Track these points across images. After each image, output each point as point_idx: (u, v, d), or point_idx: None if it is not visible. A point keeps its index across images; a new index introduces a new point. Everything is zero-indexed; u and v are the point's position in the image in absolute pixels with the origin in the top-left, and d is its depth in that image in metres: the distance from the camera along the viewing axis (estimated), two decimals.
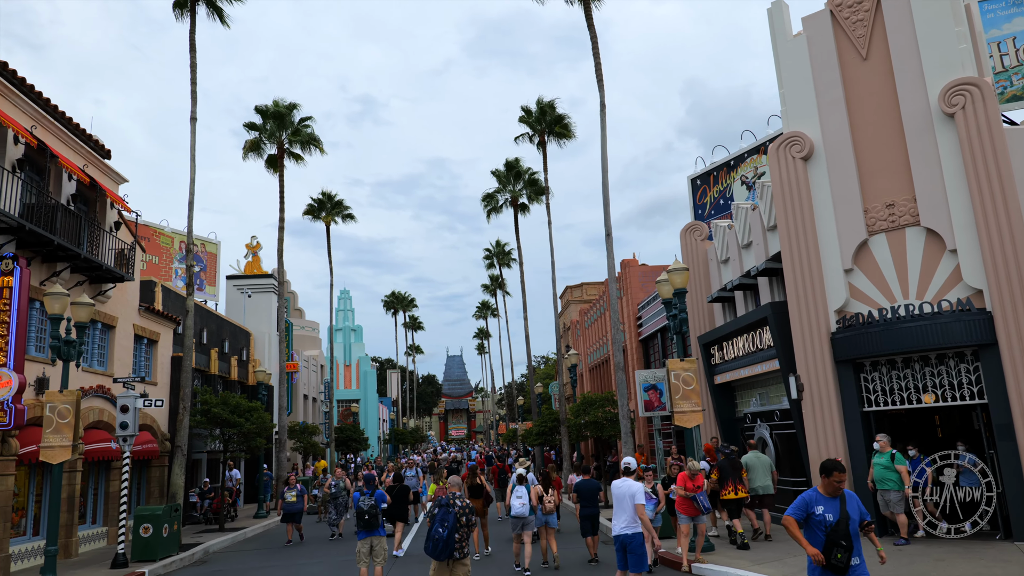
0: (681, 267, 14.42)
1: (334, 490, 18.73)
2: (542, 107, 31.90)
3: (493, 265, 62.28)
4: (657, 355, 27.90)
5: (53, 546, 12.80)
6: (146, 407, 18.09)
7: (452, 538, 8.08)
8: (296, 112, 30.85)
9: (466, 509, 8.33)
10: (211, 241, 37.89)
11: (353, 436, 43.41)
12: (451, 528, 8.10)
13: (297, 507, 18.26)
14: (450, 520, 8.13)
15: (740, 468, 13.79)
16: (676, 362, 13.84)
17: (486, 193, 38.73)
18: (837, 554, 5.94)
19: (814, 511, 6.15)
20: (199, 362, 26.05)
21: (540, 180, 36.87)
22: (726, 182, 25.75)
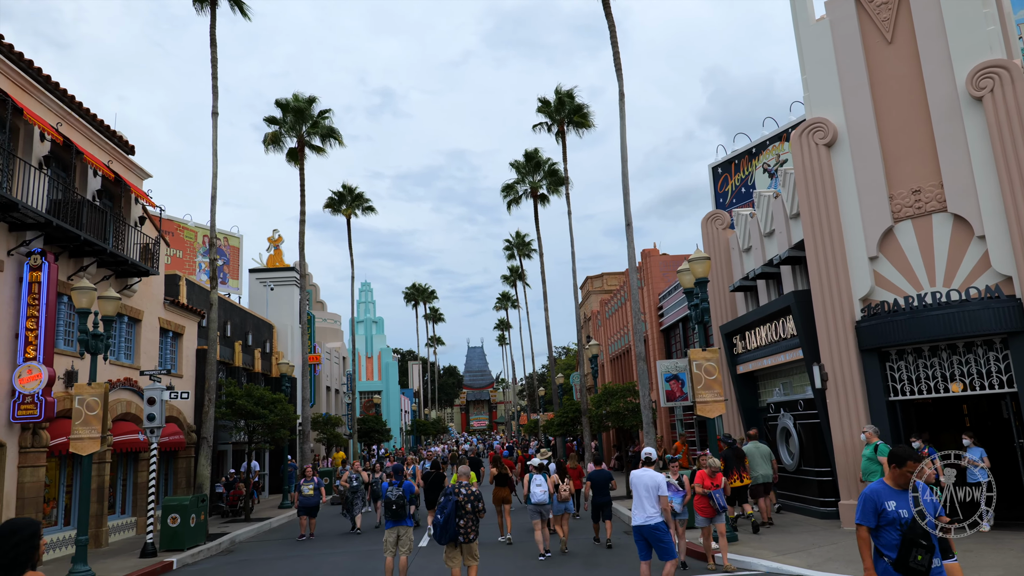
0: (702, 256, 14.31)
1: (353, 483, 18.30)
2: (561, 97, 31.75)
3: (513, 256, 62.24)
4: (678, 345, 27.76)
5: (84, 536, 13.05)
6: (172, 399, 18.33)
7: (451, 523, 8.80)
8: (315, 105, 30.98)
9: (471, 497, 9.01)
10: (234, 235, 38.25)
11: (375, 427, 43.74)
12: (449, 514, 8.80)
13: (314, 501, 17.56)
14: (449, 507, 8.82)
15: (743, 457, 14.51)
16: (698, 352, 13.75)
17: (505, 184, 38.69)
18: (917, 555, 5.07)
19: (884, 508, 5.30)
20: (223, 355, 26.35)
21: (559, 170, 36.75)
22: (748, 170, 25.49)
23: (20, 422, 14.52)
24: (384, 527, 11.99)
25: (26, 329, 14.76)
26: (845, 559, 10.83)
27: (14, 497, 14.47)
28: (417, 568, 12.58)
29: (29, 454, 14.81)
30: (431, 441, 78.38)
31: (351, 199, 39.66)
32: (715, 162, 26.97)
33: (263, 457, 30.89)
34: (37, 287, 14.96)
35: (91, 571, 12.83)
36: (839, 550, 11.57)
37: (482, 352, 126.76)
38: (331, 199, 39.61)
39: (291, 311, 36.50)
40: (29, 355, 14.65)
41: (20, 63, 15.44)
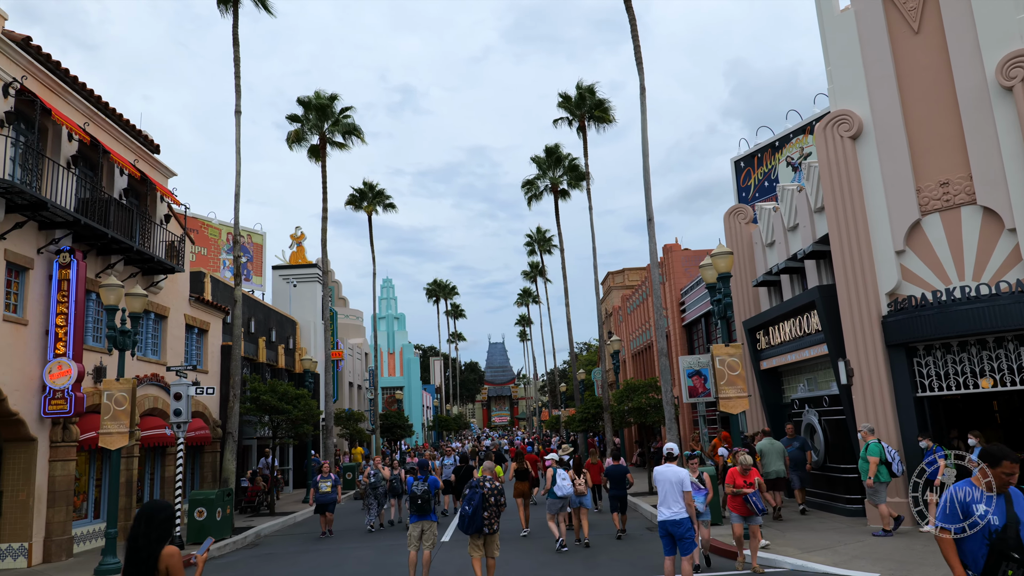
0: (725, 251, 14.19)
1: (373, 479, 17.81)
2: (581, 92, 31.64)
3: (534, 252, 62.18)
4: (701, 341, 27.59)
5: (113, 528, 13.28)
6: (198, 395, 18.57)
7: (479, 515, 9.51)
8: (337, 103, 31.15)
9: (494, 491, 9.74)
10: (257, 232, 38.63)
11: (398, 423, 43.99)
12: (476, 507, 9.53)
13: (330, 498, 17.13)
14: (476, 500, 9.58)
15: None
16: (721, 347, 13.66)
17: (526, 180, 38.63)
18: (1007, 570, 4.46)
19: (973, 511, 4.65)
20: (247, 351, 26.63)
21: (580, 165, 36.65)
22: (771, 164, 25.24)
23: (51, 417, 14.79)
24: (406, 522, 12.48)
25: (56, 326, 15.03)
26: (871, 557, 10.71)
27: (45, 490, 14.76)
28: (440, 563, 12.65)
29: (60, 448, 15.09)
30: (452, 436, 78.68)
31: (372, 196, 39.86)
32: (737, 156, 26.73)
33: (287, 452, 31.19)
34: (66, 284, 15.22)
35: (120, 562, 13.05)
36: (865, 548, 11.44)
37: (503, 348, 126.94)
38: (352, 196, 39.83)
39: (314, 307, 36.80)
40: (59, 351, 14.91)
41: (48, 64, 15.69)
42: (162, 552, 4.30)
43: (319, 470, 18.50)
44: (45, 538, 14.60)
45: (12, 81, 14.25)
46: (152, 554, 4.27)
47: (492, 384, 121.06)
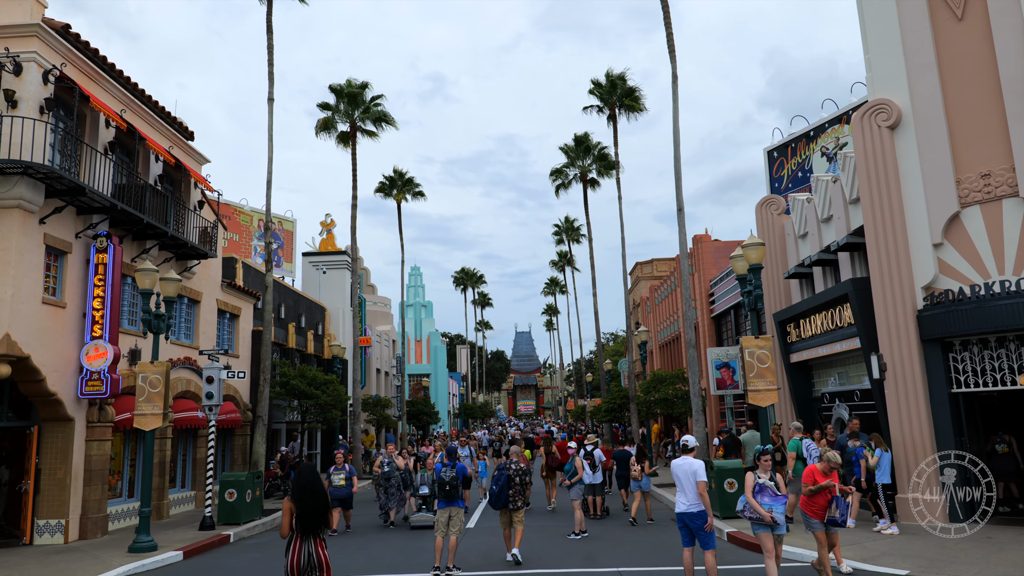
0: (757, 242, 14.04)
1: (386, 469, 16.25)
2: (612, 80, 31.40)
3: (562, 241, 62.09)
4: (730, 333, 27.37)
5: (147, 508, 13.58)
6: (229, 379, 18.85)
7: (504, 493, 11.22)
8: (368, 91, 31.28)
9: (519, 472, 11.35)
10: (288, 219, 39.02)
11: (424, 410, 44.34)
12: (503, 486, 11.23)
13: (345, 492, 15.55)
14: (502, 480, 11.27)
15: (740, 445, 16.20)
16: (750, 339, 13.54)
17: (554, 168, 38.53)
18: None
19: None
20: (277, 336, 26.99)
21: (610, 154, 36.43)
22: (805, 154, 24.86)
23: (87, 398, 15.15)
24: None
25: (93, 309, 15.35)
26: (900, 553, 10.58)
27: (82, 469, 15.13)
28: (465, 548, 12.75)
29: (96, 428, 15.45)
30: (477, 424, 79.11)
31: (401, 184, 40.04)
32: (770, 146, 26.36)
33: (315, 437, 31.61)
34: (103, 268, 15.53)
35: (154, 541, 13.35)
36: (894, 544, 11.31)
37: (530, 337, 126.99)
38: (382, 184, 40.05)
39: (343, 294, 37.13)
40: (96, 334, 15.25)
41: (86, 52, 15.95)
42: None
43: (333, 460, 16.90)
44: (81, 515, 14.98)
45: (52, 68, 14.52)
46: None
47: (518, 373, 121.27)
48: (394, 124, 32.29)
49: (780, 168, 25.95)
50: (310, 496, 6.79)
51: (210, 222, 20.55)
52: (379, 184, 40.10)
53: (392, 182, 40.04)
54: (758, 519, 8.71)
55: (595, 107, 32.51)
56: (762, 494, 8.83)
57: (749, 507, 8.81)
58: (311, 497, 6.78)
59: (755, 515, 8.73)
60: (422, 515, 15.78)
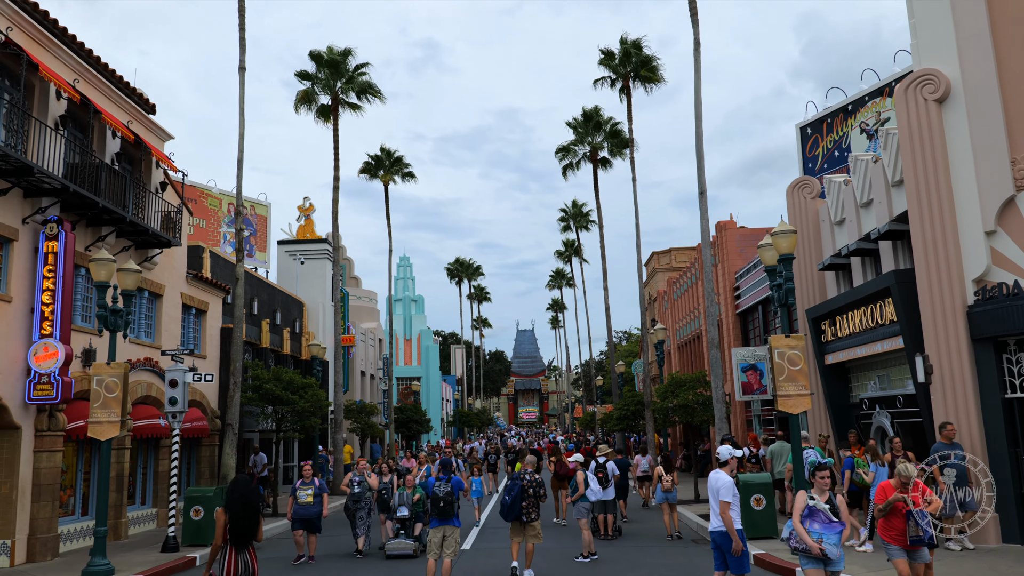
0: (787, 229, 14.01)
1: (356, 489, 15.32)
2: (626, 47, 31.32)
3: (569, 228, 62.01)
4: (757, 331, 27.38)
5: (102, 527, 13.59)
6: (195, 382, 18.87)
7: (517, 504, 11.66)
8: (351, 59, 31.22)
9: (534, 483, 11.81)
10: (261, 203, 39.00)
11: (414, 417, 44.40)
12: (515, 497, 11.65)
13: (312, 511, 14.54)
14: (515, 490, 11.71)
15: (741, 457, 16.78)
16: (780, 338, 13.53)
17: (561, 146, 38.45)
18: None
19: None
20: (249, 334, 27.01)
21: (623, 131, 36.36)
22: (842, 130, 24.80)
23: (36, 403, 15.15)
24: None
25: (42, 303, 15.34)
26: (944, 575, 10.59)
27: (30, 483, 15.15)
28: (460, 572, 12.77)
29: (45, 438, 15.46)
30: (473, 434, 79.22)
31: (389, 164, 39.99)
32: (804, 121, 26.31)
33: (291, 447, 31.66)
34: (53, 258, 15.52)
35: (110, 564, 13.37)
36: (940, 566, 11.32)
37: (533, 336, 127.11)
38: (367, 164, 40.00)
39: (323, 287, 37.14)
40: (45, 331, 15.24)
41: (35, 14, 15.90)
42: None
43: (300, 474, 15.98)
44: (29, 536, 15.01)
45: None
46: None
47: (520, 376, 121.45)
48: (381, 96, 32.22)
49: (814, 146, 25.89)
50: (243, 507, 8.15)
51: (174, 206, 20.54)
52: (364, 164, 40.07)
53: (379, 162, 39.99)
54: (805, 550, 8.09)
55: (607, 79, 32.43)
56: (812, 519, 8.16)
57: (795, 535, 8.19)
58: (244, 508, 8.15)
59: (802, 545, 8.11)
60: (399, 542, 14.82)
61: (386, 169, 39.98)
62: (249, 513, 8.17)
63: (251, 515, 8.19)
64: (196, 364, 21.89)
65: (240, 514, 8.13)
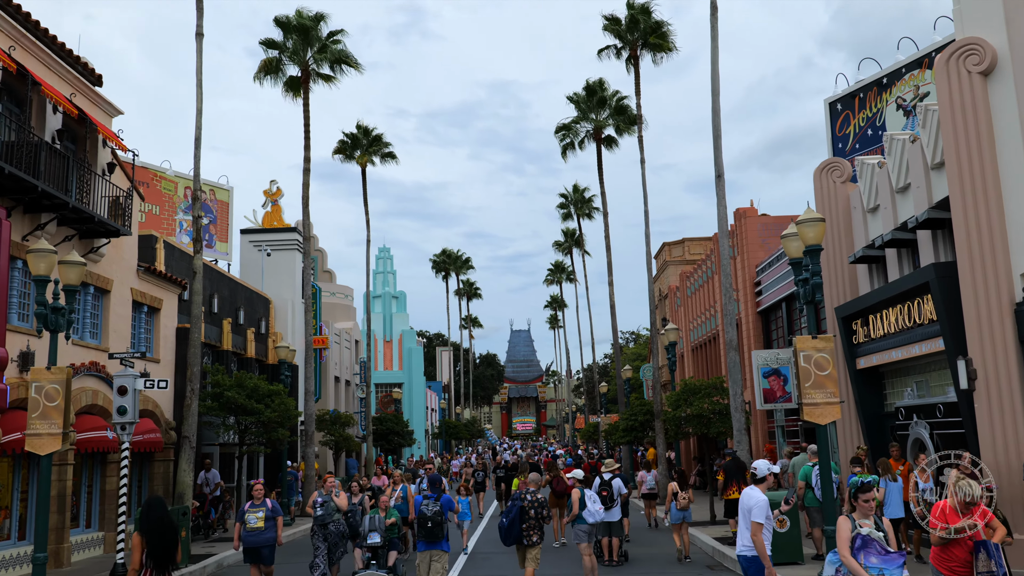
0: (815, 217, 14.03)
1: (319, 512, 14.64)
2: (634, 12, 31.32)
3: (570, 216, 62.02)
4: (780, 331, 27.45)
5: (42, 552, 13.54)
6: (148, 389, 18.81)
7: (516, 527, 11.75)
8: (324, 24, 31.13)
9: (535, 503, 11.98)
10: (222, 187, 38.93)
11: (395, 429, 44.42)
12: (514, 518, 11.76)
13: (262, 538, 13.54)
14: (514, 511, 11.84)
15: (744, 469, 17.06)
16: (806, 340, 13.56)
17: (562, 124, 38.47)
18: None
19: None
20: (209, 335, 26.97)
21: (631, 106, 36.38)
22: (876, 106, 24.86)
23: None
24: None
25: None
26: None
27: None
28: None
29: None
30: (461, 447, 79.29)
31: (367, 143, 39.92)
32: (833, 96, 26.37)
33: (256, 462, 31.64)
34: None
35: None
36: None
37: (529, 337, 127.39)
38: (342, 143, 39.92)
39: (292, 282, 37.09)
40: None
41: None
42: None
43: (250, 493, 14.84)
44: None
45: None
46: None
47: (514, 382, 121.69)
48: (357, 67, 32.16)
49: (845, 124, 25.96)
50: (160, 531, 8.61)
51: (123, 190, 20.48)
52: (339, 144, 39.99)
53: (355, 140, 39.92)
54: None
55: (612, 48, 32.46)
56: (866, 551, 7.52)
57: (846, 571, 7.57)
58: (162, 532, 8.61)
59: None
60: (370, 574, 13.89)
61: (363, 149, 39.91)
62: (167, 536, 8.64)
63: (169, 538, 8.66)
64: (148, 369, 21.85)
65: (157, 538, 8.60)
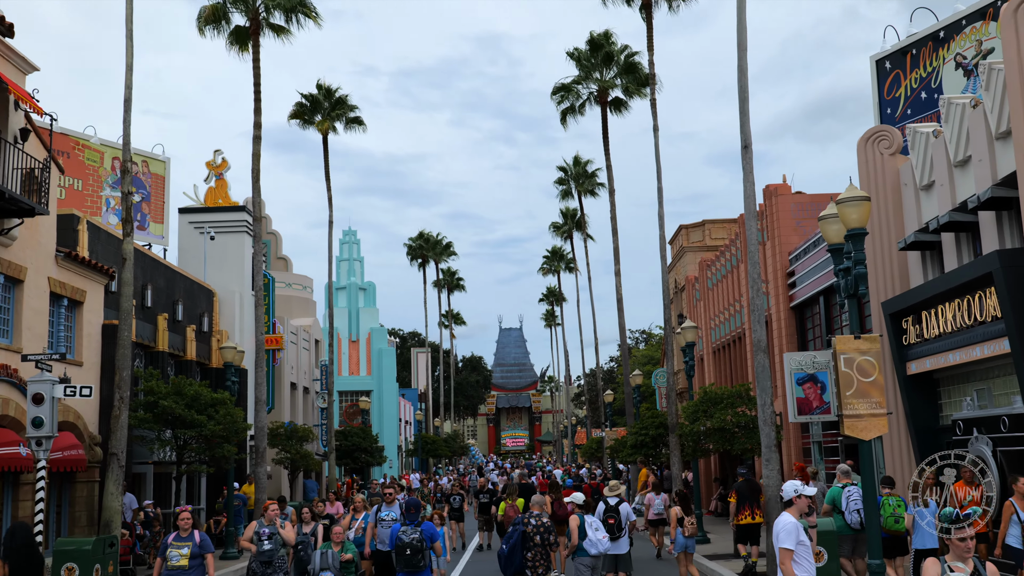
0: (858, 195, 14.04)
1: (267, 546, 14.14)
2: None
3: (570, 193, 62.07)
4: (817, 331, 27.49)
5: None
6: (68, 397, 18.73)
7: (517, 555, 11.86)
8: None
9: (540, 528, 12.13)
10: (157, 157, 38.75)
11: (362, 445, 44.33)
12: (514, 545, 11.87)
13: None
14: (515, 537, 11.93)
15: (759, 491, 18.56)
16: (848, 340, 13.59)
17: (560, 84, 38.41)
18: None
19: None
20: (141, 333, 26.86)
21: (642, 64, 36.34)
22: (932, 64, 24.89)
23: None
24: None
25: None
26: None
27: None
28: None
29: None
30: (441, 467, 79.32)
31: (329, 106, 39.78)
32: (881, 53, 26.38)
33: (196, 484, 31.56)
34: None
35: None
36: None
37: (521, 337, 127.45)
38: (300, 106, 39.77)
39: (240, 271, 36.95)
40: None
41: None
42: None
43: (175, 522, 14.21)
44: None
45: None
46: None
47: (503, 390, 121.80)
48: (316, 18, 31.99)
49: (895, 86, 25.99)
50: (26, 558, 9.23)
51: (39, 161, 20.35)
52: (296, 107, 39.84)
53: (315, 103, 39.77)
54: None
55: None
56: None
57: None
58: (27, 559, 9.24)
59: None
60: None
61: (325, 113, 39.76)
62: (32, 564, 9.23)
63: (34, 566, 9.23)
64: (69, 373, 21.71)
65: (24, 562, 9.19)
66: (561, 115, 39.02)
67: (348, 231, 73.35)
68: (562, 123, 39.31)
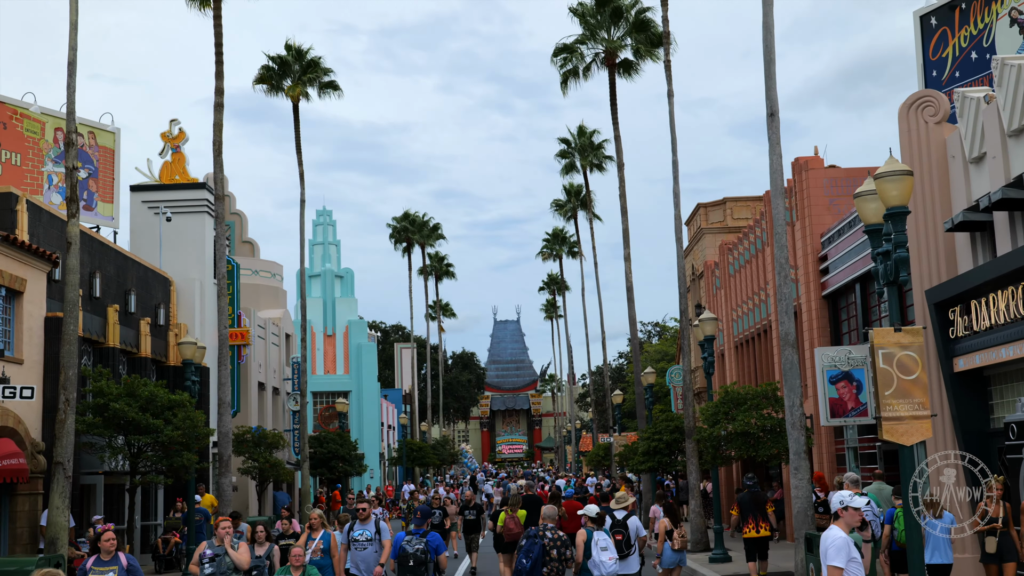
0: (900, 169, 14.05)
1: (207, 570, 13.82)
2: None
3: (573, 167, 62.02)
4: (853, 322, 27.51)
5: None
6: (7, 399, 18.74)
7: (537, 571, 12.39)
8: None
9: (557, 542, 12.74)
10: (106, 128, 38.63)
11: (339, 452, 44.36)
12: (536, 560, 12.40)
13: None
14: (535, 551, 12.46)
15: (764, 502, 19.58)
16: (887, 333, 13.61)
17: (562, 44, 38.34)
18: None
19: None
20: (89, 327, 26.85)
21: (655, 21, 36.25)
22: (984, 20, 24.86)
23: None
24: None
25: None
26: None
27: None
28: None
29: None
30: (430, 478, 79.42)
31: (300, 69, 39.69)
32: (926, 7, 26.34)
33: (153, 497, 31.58)
34: None
35: None
36: None
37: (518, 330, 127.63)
38: (267, 69, 39.69)
39: (200, 257, 36.92)
40: None
41: None
42: None
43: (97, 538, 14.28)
44: None
45: None
46: None
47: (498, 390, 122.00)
48: None
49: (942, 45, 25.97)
50: None
51: None
52: (262, 70, 39.76)
53: (284, 66, 39.69)
54: None
55: None
56: None
57: None
58: None
59: None
60: None
61: (295, 77, 39.68)
62: None
63: None
64: (8, 372, 21.76)
65: None
66: (563, 79, 38.93)
67: (322, 211, 73.35)
68: (563, 89, 39.20)
